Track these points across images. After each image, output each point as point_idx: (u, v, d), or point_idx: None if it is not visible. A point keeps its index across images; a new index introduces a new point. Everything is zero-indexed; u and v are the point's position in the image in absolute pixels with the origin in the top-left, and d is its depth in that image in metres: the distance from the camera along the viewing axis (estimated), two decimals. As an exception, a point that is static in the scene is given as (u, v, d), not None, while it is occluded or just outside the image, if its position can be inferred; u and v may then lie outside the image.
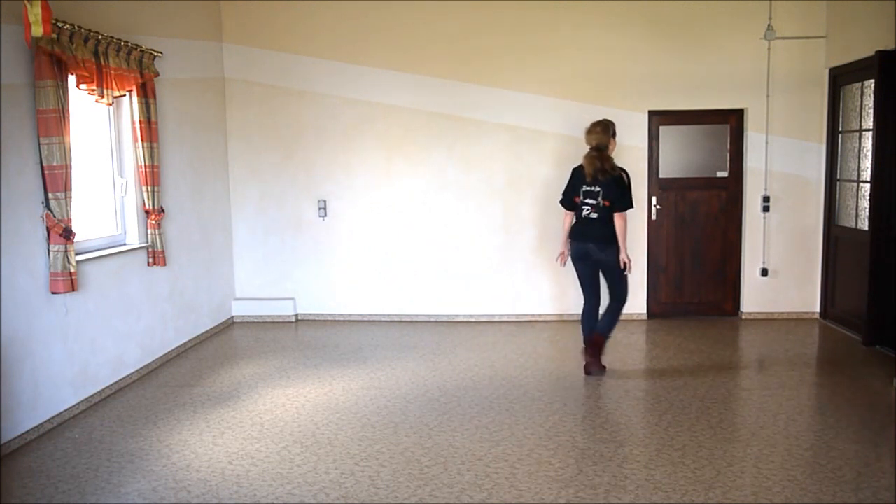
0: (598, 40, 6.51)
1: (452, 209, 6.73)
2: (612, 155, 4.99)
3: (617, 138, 5.09)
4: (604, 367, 5.11)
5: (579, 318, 6.93)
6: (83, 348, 4.54)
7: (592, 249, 4.95)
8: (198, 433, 4.11)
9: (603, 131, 4.94)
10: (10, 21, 3.90)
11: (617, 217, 4.89)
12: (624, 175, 4.92)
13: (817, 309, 6.66)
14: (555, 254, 6.71)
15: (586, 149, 4.93)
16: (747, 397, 4.64)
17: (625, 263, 4.91)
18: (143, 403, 4.65)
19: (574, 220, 5.08)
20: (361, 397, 4.69)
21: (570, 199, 5.08)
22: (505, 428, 4.11)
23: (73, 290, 4.25)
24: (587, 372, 5.06)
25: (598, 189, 4.90)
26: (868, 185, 5.75)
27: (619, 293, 5.05)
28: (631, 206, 4.93)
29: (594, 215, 4.93)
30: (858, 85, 5.97)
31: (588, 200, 4.95)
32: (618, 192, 4.86)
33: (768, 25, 6.27)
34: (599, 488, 3.35)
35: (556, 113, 6.57)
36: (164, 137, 5.55)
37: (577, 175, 5.05)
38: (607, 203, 4.88)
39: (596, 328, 5.08)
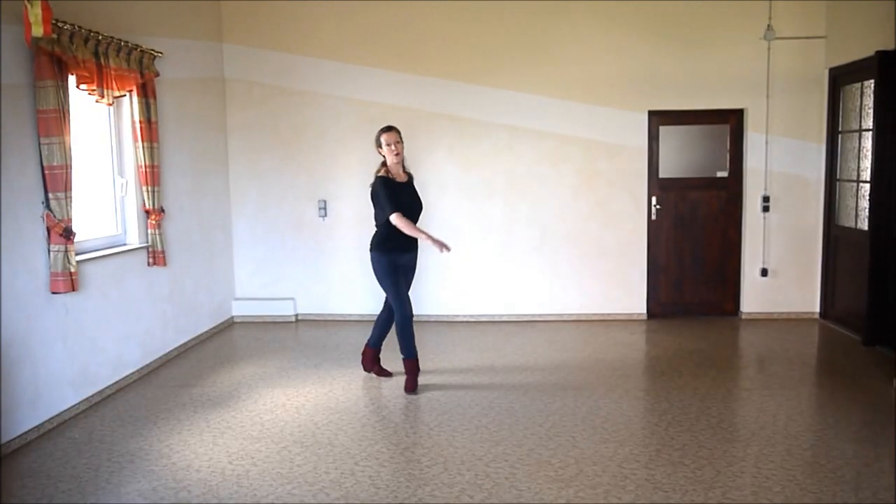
0: (598, 40, 6.51)
1: (452, 209, 6.72)
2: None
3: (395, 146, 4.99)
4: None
5: (578, 317, 6.93)
6: (83, 348, 4.54)
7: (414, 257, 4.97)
8: (198, 433, 4.11)
9: None
10: (10, 21, 3.90)
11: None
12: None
13: (817, 309, 6.66)
14: (554, 254, 6.75)
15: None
16: (747, 397, 4.64)
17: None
18: (144, 403, 4.65)
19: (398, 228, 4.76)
20: (361, 397, 4.69)
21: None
22: (505, 428, 4.11)
23: (74, 290, 4.25)
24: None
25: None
26: (868, 185, 5.75)
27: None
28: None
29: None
30: (858, 85, 5.97)
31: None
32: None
33: (768, 25, 6.27)
34: (599, 488, 3.35)
35: (556, 113, 6.57)
36: (164, 137, 5.54)
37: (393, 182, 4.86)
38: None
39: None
